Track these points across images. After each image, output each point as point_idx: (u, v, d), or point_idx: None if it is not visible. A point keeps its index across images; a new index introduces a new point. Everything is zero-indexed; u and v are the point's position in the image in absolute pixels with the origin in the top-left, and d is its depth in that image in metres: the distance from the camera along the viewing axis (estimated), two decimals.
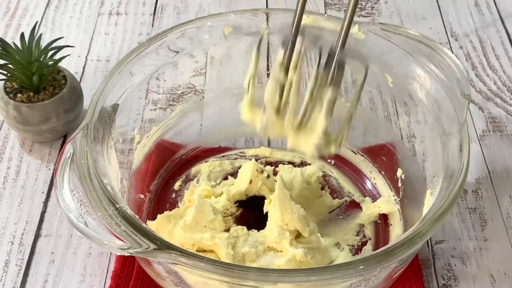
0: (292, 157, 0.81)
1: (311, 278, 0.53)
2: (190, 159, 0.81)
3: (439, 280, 0.70)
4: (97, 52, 0.96)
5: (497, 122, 0.86)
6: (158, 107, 0.78)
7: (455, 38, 0.99)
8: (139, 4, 1.05)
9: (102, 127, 0.65)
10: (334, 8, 1.04)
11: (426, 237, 0.56)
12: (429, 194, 0.66)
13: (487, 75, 0.93)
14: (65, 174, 0.58)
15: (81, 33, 0.99)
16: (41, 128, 0.79)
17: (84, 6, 1.04)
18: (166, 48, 0.72)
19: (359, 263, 0.54)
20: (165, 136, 0.79)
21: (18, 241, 0.72)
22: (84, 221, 0.56)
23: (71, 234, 0.73)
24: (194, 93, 0.80)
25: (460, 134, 0.63)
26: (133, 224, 0.55)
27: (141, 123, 0.76)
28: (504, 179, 0.80)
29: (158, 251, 0.53)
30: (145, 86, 0.74)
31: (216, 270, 0.53)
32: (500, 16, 1.03)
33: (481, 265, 0.71)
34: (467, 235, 0.74)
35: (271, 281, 0.53)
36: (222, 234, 0.66)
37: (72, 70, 0.85)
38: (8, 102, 0.78)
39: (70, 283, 0.69)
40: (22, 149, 0.82)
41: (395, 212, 0.74)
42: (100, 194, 0.57)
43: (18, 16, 1.02)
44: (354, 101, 0.64)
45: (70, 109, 0.80)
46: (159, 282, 0.64)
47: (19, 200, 0.76)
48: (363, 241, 0.72)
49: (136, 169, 0.73)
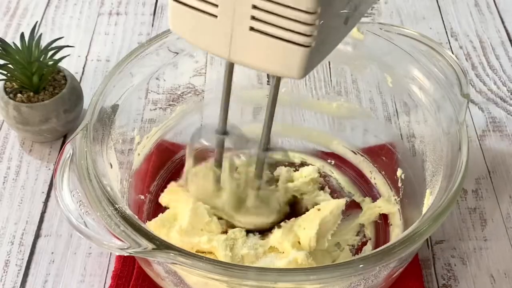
0: (292, 157, 0.80)
1: (311, 277, 0.53)
2: None
3: (439, 280, 0.70)
4: (97, 52, 0.96)
5: (497, 122, 0.86)
6: (158, 107, 0.78)
7: (455, 38, 0.99)
8: (139, 4, 1.05)
9: (101, 127, 0.65)
10: None
11: (425, 236, 0.56)
12: (429, 193, 0.66)
13: (487, 75, 0.93)
14: (64, 174, 0.58)
15: (81, 33, 0.99)
16: (41, 128, 0.79)
17: (84, 6, 1.04)
18: (166, 49, 0.72)
19: (358, 262, 0.54)
20: (165, 137, 0.79)
21: (18, 241, 0.72)
22: (83, 222, 0.56)
23: (71, 234, 0.73)
24: (194, 93, 0.80)
25: (459, 134, 0.63)
26: (132, 224, 0.55)
27: (141, 123, 0.76)
28: (504, 179, 0.80)
29: (157, 251, 0.54)
30: (145, 86, 0.74)
31: (215, 269, 0.53)
32: (500, 16, 1.03)
33: (481, 265, 0.71)
34: (467, 235, 0.74)
35: (270, 280, 0.53)
36: (220, 236, 0.66)
37: (72, 70, 0.85)
38: (8, 102, 0.78)
39: (70, 283, 0.69)
40: (22, 149, 0.82)
41: (395, 212, 0.74)
42: (99, 195, 0.57)
43: (18, 16, 1.02)
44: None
45: (70, 109, 0.80)
46: (158, 282, 0.64)
47: (19, 200, 0.76)
48: (363, 241, 0.72)
49: (136, 170, 0.73)
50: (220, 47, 0.51)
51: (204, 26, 0.51)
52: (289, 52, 0.49)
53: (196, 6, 0.50)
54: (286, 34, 0.48)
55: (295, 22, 0.47)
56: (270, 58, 0.50)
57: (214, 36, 0.51)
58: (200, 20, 0.51)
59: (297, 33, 0.48)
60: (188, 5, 0.51)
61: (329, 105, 0.81)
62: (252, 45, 0.50)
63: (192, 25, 0.52)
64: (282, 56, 0.49)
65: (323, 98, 0.82)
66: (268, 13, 0.48)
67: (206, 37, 0.52)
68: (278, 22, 0.48)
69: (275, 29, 0.48)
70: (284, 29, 0.48)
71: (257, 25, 0.49)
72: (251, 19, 0.49)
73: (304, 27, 0.47)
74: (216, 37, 0.51)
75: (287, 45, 0.49)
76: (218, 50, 0.52)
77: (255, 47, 0.50)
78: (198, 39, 0.53)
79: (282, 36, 0.48)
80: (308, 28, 0.47)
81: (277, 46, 0.49)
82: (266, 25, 0.49)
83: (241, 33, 0.50)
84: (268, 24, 0.48)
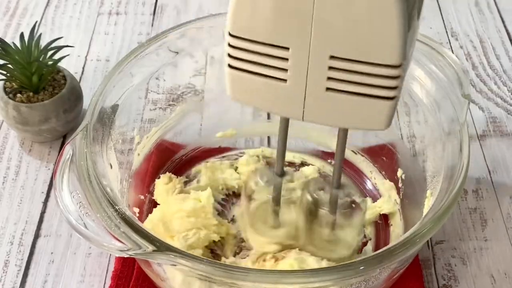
0: (292, 157, 0.80)
1: (311, 279, 0.53)
2: (190, 160, 0.80)
3: (439, 280, 0.70)
4: (97, 52, 0.96)
5: (497, 122, 0.86)
6: (158, 107, 0.78)
7: (455, 38, 0.99)
8: (139, 4, 1.05)
9: (101, 127, 0.64)
10: None
11: (426, 237, 0.56)
12: (429, 194, 0.66)
13: (488, 75, 0.93)
14: (64, 175, 0.58)
15: (80, 33, 0.99)
16: (41, 128, 0.79)
17: (84, 6, 1.04)
18: (166, 48, 0.72)
19: (359, 264, 0.54)
20: (165, 137, 0.78)
21: (17, 241, 0.72)
22: (83, 223, 0.56)
23: (70, 234, 0.73)
24: (194, 93, 0.80)
25: (460, 134, 0.63)
26: (132, 225, 0.55)
27: (141, 123, 0.76)
28: (504, 179, 0.80)
29: (157, 252, 0.53)
30: (144, 86, 0.74)
31: (216, 271, 0.53)
32: (501, 16, 1.03)
33: (481, 265, 0.71)
34: (467, 235, 0.74)
35: (270, 282, 0.53)
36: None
37: (72, 70, 0.85)
38: (7, 102, 0.78)
39: (69, 283, 0.69)
40: (22, 149, 0.82)
41: (395, 212, 0.73)
42: (99, 196, 0.57)
43: (17, 16, 1.02)
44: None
45: (70, 109, 0.80)
46: (158, 283, 0.64)
47: (18, 200, 0.76)
48: (363, 241, 0.72)
49: (136, 170, 0.73)
50: (292, 109, 0.49)
51: (272, 91, 0.48)
52: (373, 107, 0.47)
53: (263, 72, 0.48)
54: (368, 90, 0.46)
55: (378, 77, 0.46)
56: (350, 115, 0.48)
57: (284, 100, 0.48)
58: (267, 85, 0.48)
59: (382, 87, 0.46)
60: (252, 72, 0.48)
61: None
62: (328, 105, 0.48)
63: (257, 91, 0.49)
64: (366, 111, 0.47)
65: None
66: (346, 72, 0.46)
67: (275, 102, 0.49)
68: (358, 79, 0.46)
69: (355, 86, 0.46)
70: (365, 85, 0.46)
71: (334, 85, 0.46)
72: (327, 80, 0.46)
73: (389, 81, 0.46)
74: (286, 101, 0.48)
75: (370, 100, 0.47)
76: (289, 113, 0.50)
77: (332, 106, 0.47)
78: (266, 104, 0.50)
79: (364, 92, 0.46)
80: (394, 81, 0.46)
81: (358, 103, 0.47)
82: (344, 84, 0.46)
83: (316, 95, 0.47)
84: (346, 82, 0.46)
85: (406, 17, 0.45)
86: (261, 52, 0.47)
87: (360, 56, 0.45)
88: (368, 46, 0.45)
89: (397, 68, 0.45)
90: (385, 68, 0.45)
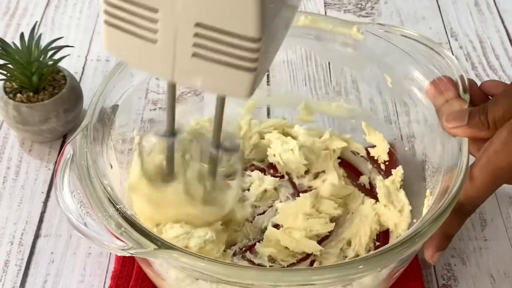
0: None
1: (311, 278, 0.53)
2: None
3: (439, 280, 0.70)
4: (97, 52, 0.96)
5: None
6: (158, 107, 0.78)
7: (455, 38, 0.99)
8: None
9: (102, 127, 0.65)
10: (334, 8, 1.04)
11: (426, 236, 0.56)
12: (429, 193, 0.66)
13: (487, 75, 0.93)
14: (65, 175, 0.58)
15: (80, 33, 0.99)
16: (41, 128, 0.79)
17: (84, 6, 1.04)
18: None
19: (359, 263, 0.54)
20: None
21: (17, 241, 0.72)
22: (84, 222, 0.56)
23: (70, 234, 0.73)
24: (194, 93, 0.80)
25: None
26: (133, 224, 0.55)
27: (141, 123, 0.76)
28: None
29: (158, 251, 0.54)
30: (145, 86, 0.74)
31: (217, 269, 0.53)
32: (500, 16, 1.03)
33: (481, 265, 0.71)
34: (467, 235, 0.74)
35: (271, 280, 0.53)
36: None
37: (72, 70, 0.85)
38: (7, 102, 0.78)
39: (69, 283, 0.69)
40: (22, 149, 0.82)
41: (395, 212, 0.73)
42: (100, 195, 0.57)
43: (17, 16, 1.02)
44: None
45: (70, 109, 0.80)
46: (158, 283, 0.64)
47: (18, 200, 0.76)
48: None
49: None
50: (162, 70, 0.50)
51: (143, 50, 0.49)
52: (235, 77, 0.48)
53: (134, 31, 0.49)
54: (230, 59, 0.47)
55: (240, 48, 0.46)
56: (215, 82, 0.49)
57: (155, 59, 0.50)
58: (139, 44, 0.49)
59: (243, 58, 0.47)
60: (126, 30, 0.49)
61: (329, 106, 0.81)
62: (196, 70, 0.49)
63: (130, 48, 0.50)
64: (229, 79, 0.48)
65: (323, 98, 0.82)
66: (211, 40, 0.47)
67: (146, 60, 0.50)
68: (222, 48, 0.47)
69: (218, 55, 0.47)
70: (228, 55, 0.47)
71: (200, 51, 0.47)
72: (193, 46, 0.47)
73: (250, 54, 0.47)
74: (157, 61, 0.50)
75: (232, 70, 0.48)
76: (160, 72, 0.51)
77: (199, 71, 0.49)
78: (137, 61, 0.51)
79: (227, 61, 0.47)
80: (254, 54, 0.47)
81: (222, 71, 0.48)
82: (209, 51, 0.47)
83: (184, 59, 0.48)
84: (211, 50, 0.47)
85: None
86: (133, 12, 0.48)
87: (222, 25, 0.46)
88: (230, 16, 0.46)
89: (256, 42, 0.46)
90: (245, 41, 0.46)
